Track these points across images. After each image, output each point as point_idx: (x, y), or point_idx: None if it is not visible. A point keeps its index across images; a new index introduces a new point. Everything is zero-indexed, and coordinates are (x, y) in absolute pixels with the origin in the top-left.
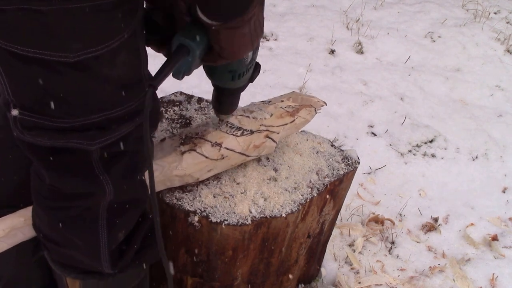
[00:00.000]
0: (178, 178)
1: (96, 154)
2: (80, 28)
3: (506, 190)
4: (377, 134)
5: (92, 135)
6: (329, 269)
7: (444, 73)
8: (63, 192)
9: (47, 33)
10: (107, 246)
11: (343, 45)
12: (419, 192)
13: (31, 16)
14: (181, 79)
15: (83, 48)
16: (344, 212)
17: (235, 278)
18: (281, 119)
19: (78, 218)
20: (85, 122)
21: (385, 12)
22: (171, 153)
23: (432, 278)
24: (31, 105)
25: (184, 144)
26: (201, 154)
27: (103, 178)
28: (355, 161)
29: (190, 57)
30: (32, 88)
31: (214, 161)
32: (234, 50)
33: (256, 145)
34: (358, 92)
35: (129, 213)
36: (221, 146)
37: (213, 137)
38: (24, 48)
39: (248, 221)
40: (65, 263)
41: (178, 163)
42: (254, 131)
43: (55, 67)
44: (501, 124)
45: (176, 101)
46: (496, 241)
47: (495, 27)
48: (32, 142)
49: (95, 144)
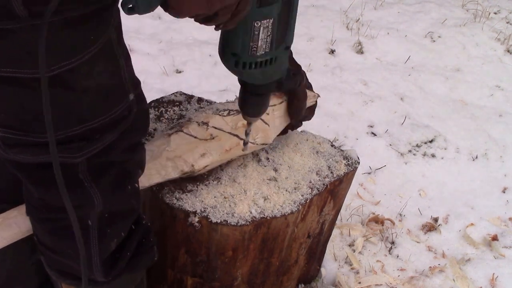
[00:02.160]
0: (170, 163)
1: (83, 166)
2: (51, 43)
3: (506, 190)
4: (377, 134)
5: (75, 148)
6: (329, 269)
7: (444, 73)
8: (52, 205)
9: (19, 51)
10: (99, 256)
11: (343, 45)
12: (419, 192)
13: (1, 35)
14: (127, 12)
15: (56, 63)
16: (344, 212)
17: (235, 278)
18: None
19: (68, 229)
20: (66, 135)
21: (385, 12)
22: (160, 138)
23: (432, 278)
24: (10, 122)
25: (172, 128)
26: (188, 134)
27: (91, 190)
28: (355, 161)
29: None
30: (9, 106)
31: (204, 142)
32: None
33: (245, 125)
34: (358, 92)
35: (121, 222)
36: (208, 125)
37: (198, 117)
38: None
39: (248, 221)
40: (60, 269)
41: (166, 145)
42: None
43: (29, 84)
44: (501, 124)
45: (176, 101)
46: (496, 241)
47: (495, 27)
48: (16, 159)
49: (80, 156)
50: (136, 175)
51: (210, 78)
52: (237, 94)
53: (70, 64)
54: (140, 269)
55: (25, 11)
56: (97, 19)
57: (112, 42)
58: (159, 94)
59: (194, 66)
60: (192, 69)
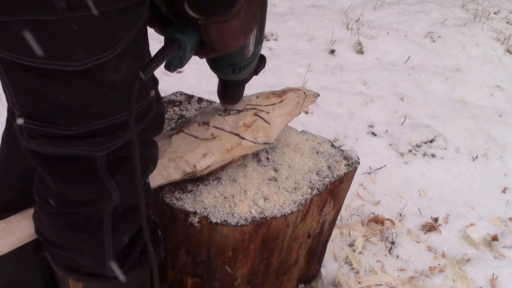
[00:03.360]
0: (172, 164)
1: (101, 160)
2: (85, 36)
3: (506, 190)
4: (377, 134)
5: (97, 142)
6: (329, 269)
7: (444, 73)
8: (69, 199)
9: (53, 43)
10: (112, 249)
11: (343, 45)
12: (419, 192)
13: (37, 26)
14: (172, 71)
15: (89, 56)
16: (344, 212)
17: (235, 279)
18: (267, 99)
19: (83, 223)
20: (91, 129)
21: (385, 12)
22: (161, 139)
23: (432, 278)
24: (36, 113)
25: (173, 129)
26: (189, 134)
27: (109, 183)
28: (355, 161)
29: (182, 51)
30: (38, 98)
31: (205, 142)
32: (226, 43)
33: (246, 124)
34: (358, 92)
35: (134, 216)
36: (209, 124)
37: (199, 117)
38: (30, 59)
39: (248, 221)
40: (68, 266)
41: (168, 146)
42: (240, 110)
43: (61, 76)
44: (501, 124)
45: (176, 101)
46: (496, 241)
47: (495, 27)
48: (38, 150)
49: (101, 151)
50: (148, 170)
51: (210, 78)
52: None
53: (102, 58)
54: (148, 266)
55: (63, 3)
56: (131, 13)
57: (140, 36)
58: None
59: (194, 66)
60: (192, 69)
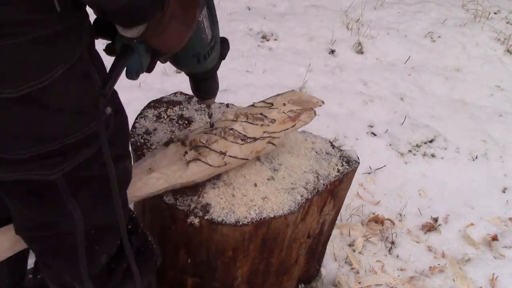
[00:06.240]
0: (180, 184)
1: (60, 182)
2: (18, 63)
3: (506, 190)
4: (377, 134)
5: (50, 164)
6: (329, 269)
7: (444, 73)
8: (37, 220)
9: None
10: (88, 272)
11: (343, 45)
12: (419, 192)
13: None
14: (136, 78)
15: (25, 82)
16: (344, 212)
17: (235, 278)
18: (283, 124)
19: (57, 247)
20: (42, 152)
21: (385, 12)
22: (176, 162)
23: (432, 278)
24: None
25: (190, 153)
26: (205, 162)
27: (71, 205)
28: (355, 161)
29: (137, 54)
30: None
31: (217, 168)
32: (173, 46)
33: (257, 151)
34: (358, 92)
35: (108, 237)
36: (226, 154)
37: (219, 147)
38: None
39: (248, 221)
40: (61, 284)
41: (183, 172)
42: (257, 138)
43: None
44: (501, 124)
45: (176, 101)
46: (496, 241)
47: (495, 27)
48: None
49: (55, 173)
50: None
51: None
52: (238, 94)
53: (41, 84)
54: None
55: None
56: (66, 38)
57: (84, 59)
58: (159, 94)
59: None
60: None
